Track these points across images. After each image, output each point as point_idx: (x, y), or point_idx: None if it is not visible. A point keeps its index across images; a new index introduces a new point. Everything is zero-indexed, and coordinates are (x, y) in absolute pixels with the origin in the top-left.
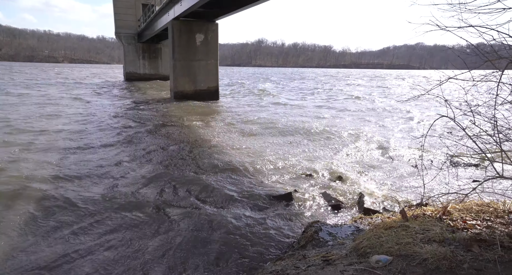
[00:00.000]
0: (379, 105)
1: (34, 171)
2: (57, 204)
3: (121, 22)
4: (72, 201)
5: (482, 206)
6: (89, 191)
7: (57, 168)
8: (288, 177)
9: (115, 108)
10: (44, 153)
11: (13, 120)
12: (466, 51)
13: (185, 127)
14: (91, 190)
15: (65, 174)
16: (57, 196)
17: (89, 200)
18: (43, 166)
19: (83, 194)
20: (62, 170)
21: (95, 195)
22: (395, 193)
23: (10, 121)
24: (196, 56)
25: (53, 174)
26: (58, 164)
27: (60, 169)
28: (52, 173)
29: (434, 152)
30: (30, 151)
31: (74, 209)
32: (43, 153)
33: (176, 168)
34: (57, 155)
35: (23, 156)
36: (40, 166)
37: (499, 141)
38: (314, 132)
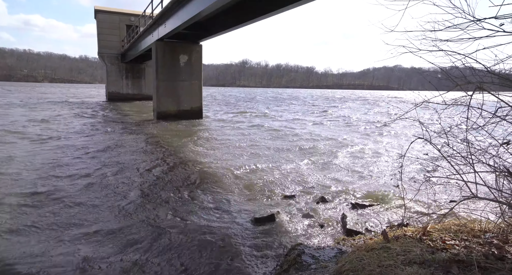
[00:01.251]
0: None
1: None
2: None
3: (104, 42)
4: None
5: (460, 226)
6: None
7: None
8: (270, 199)
9: (95, 128)
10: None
11: None
12: (437, 75)
13: (166, 147)
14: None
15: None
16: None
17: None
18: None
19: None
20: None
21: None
22: (377, 214)
23: None
24: (179, 76)
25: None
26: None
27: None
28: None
29: (413, 173)
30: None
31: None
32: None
33: (155, 189)
34: (29, 178)
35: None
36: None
37: (472, 163)
38: (298, 152)
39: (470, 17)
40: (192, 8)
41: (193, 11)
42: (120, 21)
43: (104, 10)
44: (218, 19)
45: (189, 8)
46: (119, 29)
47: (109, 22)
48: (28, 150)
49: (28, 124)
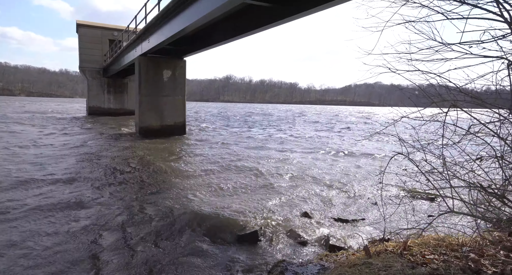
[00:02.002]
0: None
1: None
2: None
3: (86, 56)
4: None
5: (438, 240)
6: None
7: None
8: (254, 215)
9: (74, 143)
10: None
11: None
12: (415, 92)
13: (147, 164)
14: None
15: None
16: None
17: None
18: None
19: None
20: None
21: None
22: (359, 229)
23: None
24: (163, 91)
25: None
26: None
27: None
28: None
29: (393, 188)
30: None
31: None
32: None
33: (134, 207)
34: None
35: None
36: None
37: (448, 178)
38: (272, 169)
39: (439, 40)
40: (176, 24)
41: (177, 27)
42: (102, 36)
43: (86, 24)
44: (203, 35)
45: (173, 24)
46: (101, 44)
47: (91, 36)
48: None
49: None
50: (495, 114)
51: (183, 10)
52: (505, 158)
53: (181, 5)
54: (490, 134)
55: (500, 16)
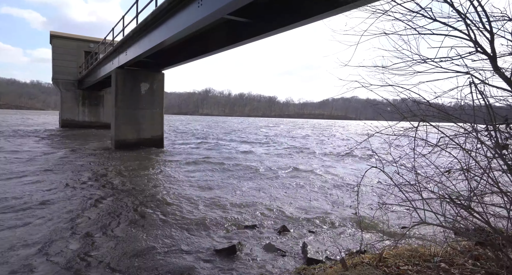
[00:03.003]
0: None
1: None
2: None
3: (60, 68)
4: None
5: (412, 251)
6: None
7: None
8: (231, 229)
9: (43, 159)
10: None
11: None
12: (387, 108)
13: (121, 178)
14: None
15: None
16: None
17: None
18: None
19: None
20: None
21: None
22: (337, 241)
23: None
24: (140, 104)
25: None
26: None
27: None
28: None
29: (369, 200)
30: None
31: None
32: None
33: (106, 220)
34: None
35: None
36: None
37: (420, 190)
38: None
39: (410, 55)
40: (155, 37)
41: (156, 40)
42: (78, 47)
43: (61, 35)
44: (182, 48)
45: (151, 37)
46: (77, 55)
47: (66, 48)
48: None
49: None
50: (460, 128)
51: (162, 24)
52: (470, 170)
53: (160, 18)
54: (457, 148)
55: (466, 35)
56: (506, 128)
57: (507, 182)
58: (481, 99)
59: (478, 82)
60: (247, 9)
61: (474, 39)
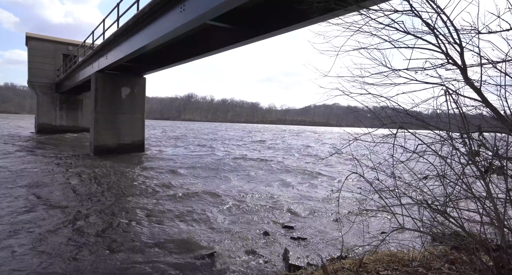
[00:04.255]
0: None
1: None
2: None
3: (36, 70)
4: None
5: (391, 256)
6: None
7: None
8: (210, 235)
9: (15, 167)
10: None
11: None
12: (367, 115)
13: (99, 184)
14: None
15: None
16: None
17: None
18: None
19: None
20: None
21: None
22: (318, 247)
23: None
24: (121, 109)
25: None
26: None
27: None
28: None
29: (349, 206)
30: None
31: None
32: None
33: (83, 227)
34: None
35: None
36: None
37: (399, 196)
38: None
39: (388, 66)
40: (136, 42)
41: (137, 44)
42: (56, 50)
43: (37, 37)
44: (164, 53)
45: (133, 41)
46: (54, 58)
47: (43, 50)
48: None
49: None
50: (437, 135)
51: (144, 28)
52: (446, 176)
53: (142, 22)
54: (434, 155)
55: (438, 47)
56: (479, 136)
57: (480, 187)
58: (455, 108)
59: (452, 92)
60: (230, 16)
61: (446, 51)
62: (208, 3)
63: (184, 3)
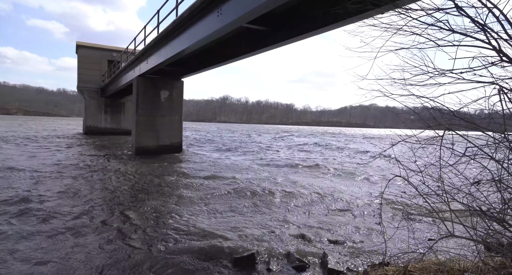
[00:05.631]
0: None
1: None
2: None
3: (84, 76)
4: None
5: (439, 265)
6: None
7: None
8: (250, 236)
9: (71, 162)
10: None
11: None
12: (410, 117)
13: (141, 184)
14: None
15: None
16: None
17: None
18: None
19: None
20: None
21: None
22: (359, 251)
23: None
24: (160, 112)
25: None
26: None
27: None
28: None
29: (392, 211)
30: None
31: None
32: None
33: (126, 227)
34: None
35: None
36: None
37: (447, 201)
38: (270, 188)
39: (432, 66)
40: (175, 46)
41: (176, 49)
42: (101, 56)
43: (85, 45)
44: (201, 56)
45: (172, 46)
46: (100, 64)
47: (90, 57)
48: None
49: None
50: (490, 138)
51: (182, 33)
52: (503, 181)
53: (181, 27)
54: (487, 158)
55: (488, 44)
56: None
57: None
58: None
59: (507, 90)
60: (265, 18)
61: (498, 48)
62: (244, 7)
63: (221, 7)
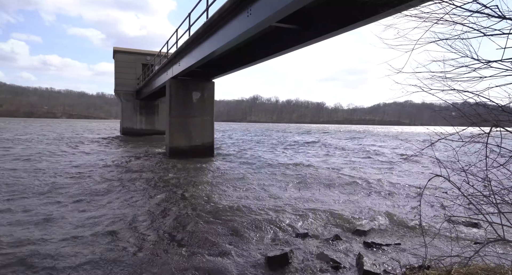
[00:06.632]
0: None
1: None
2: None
3: (121, 80)
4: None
5: (487, 271)
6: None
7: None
8: (283, 236)
9: (111, 160)
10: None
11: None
12: (451, 113)
13: (177, 180)
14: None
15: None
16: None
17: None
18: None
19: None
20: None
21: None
22: (396, 253)
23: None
24: (192, 112)
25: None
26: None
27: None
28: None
29: (432, 211)
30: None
31: None
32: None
33: (162, 228)
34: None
35: None
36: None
37: (496, 202)
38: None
39: (476, 57)
40: (205, 48)
41: (206, 50)
42: (136, 60)
43: (122, 50)
44: (231, 57)
45: (202, 48)
46: (135, 68)
47: (126, 61)
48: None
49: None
50: None
51: (213, 34)
52: None
53: (211, 29)
54: None
55: None
56: None
57: None
58: None
59: None
60: (295, 16)
61: None
62: (274, 6)
63: (251, 7)
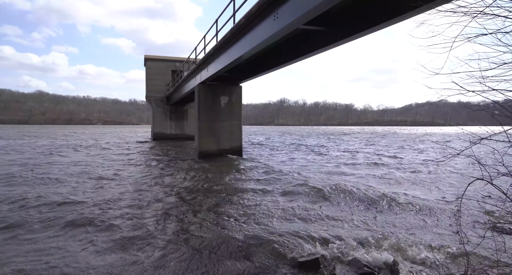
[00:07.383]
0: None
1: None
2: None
3: (151, 86)
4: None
5: None
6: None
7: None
8: (314, 240)
9: (145, 163)
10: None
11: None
12: (494, 112)
13: (207, 183)
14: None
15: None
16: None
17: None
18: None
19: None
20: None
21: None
22: (433, 261)
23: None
24: (220, 117)
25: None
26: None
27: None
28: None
29: (474, 217)
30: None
31: None
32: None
33: (194, 228)
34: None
35: None
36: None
37: None
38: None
39: None
40: (233, 53)
41: (234, 55)
42: (166, 67)
43: (152, 58)
44: (257, 61)
45: (230, 53)
46: (165, 74)
47: (156, 68)
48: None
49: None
50: None
51: (240, 39)
52: None
53: (238, 34)
54: None
55: None
56: None
57: None
58: None
59: None
60: (321, 18)
61: None
62: (300, 8)
63: (277, 11)
